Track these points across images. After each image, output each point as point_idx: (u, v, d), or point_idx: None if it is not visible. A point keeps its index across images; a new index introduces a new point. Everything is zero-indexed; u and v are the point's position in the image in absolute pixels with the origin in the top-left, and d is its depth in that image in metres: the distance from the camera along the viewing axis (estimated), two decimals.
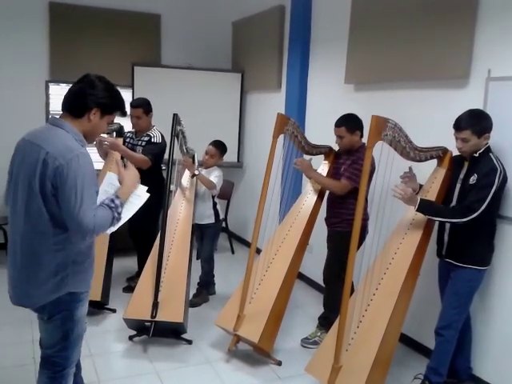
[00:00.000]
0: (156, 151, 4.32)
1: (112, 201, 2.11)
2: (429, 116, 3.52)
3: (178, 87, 5.91)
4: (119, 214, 2.12)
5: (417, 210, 2.95)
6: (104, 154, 4.46)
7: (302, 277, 4.91)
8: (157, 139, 4.37)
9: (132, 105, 4.39)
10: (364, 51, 4.07)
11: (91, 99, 2.11)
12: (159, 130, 4.44)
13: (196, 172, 4.14)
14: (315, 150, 3.74)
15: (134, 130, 4.53)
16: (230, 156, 5.90)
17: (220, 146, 4.38)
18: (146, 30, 6.09)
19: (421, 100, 3.61)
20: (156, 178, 4.44)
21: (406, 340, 3.65)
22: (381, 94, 3.99)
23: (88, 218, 1.98)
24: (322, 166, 3.86)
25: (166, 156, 3.89)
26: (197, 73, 5.98)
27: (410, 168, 3.22)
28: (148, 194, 2.31)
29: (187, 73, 5.97)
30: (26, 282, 2.14)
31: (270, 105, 5.51)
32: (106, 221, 2.07)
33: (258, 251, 3.70)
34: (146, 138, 4.38)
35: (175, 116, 3.77)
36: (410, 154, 2.93)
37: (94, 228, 2.01)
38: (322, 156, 3.88)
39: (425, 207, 2.94)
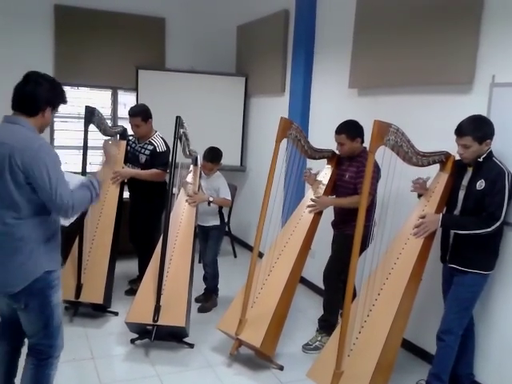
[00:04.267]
0: (165, 160, 4.26)
1: (91, 182, 2.42)
2: (432, 121, 3.51)
3: (181, 91, 5.93)
4: (98, 194, 2.43)
5: (441, 226, 2.96)
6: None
7: (304, 281, 4.90)
8: (161, 148, 4.30)
9: (129, 113, 4.31)
10: (368, 56, 4.07)
11: (43, 100, 2.31)
12: (161, 134, 4.39)
13: (210, 199, 4.11)
14: (318, 154, 3.74)
15: None
16: (233, 160, 5.93)
17: (214, 158, 4.23)
18: (151, 33, 6.12)
19: (424, 105, 3.60)
20: (158, 181, 4.44)
21: (408, 345, 3.64)
22: (384, 99, 3.98)
23: (65, 198, 2.22)
24: (325, 171, 3.85)
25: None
26: (201, 76, 6.00)
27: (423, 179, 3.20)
28: None
29: (191, 76, 5.99)
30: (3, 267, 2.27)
31: (274, 109, 5.51)
32: (84, 199, 2.35)
33: (261, 255, 3.69)
34: (150, 148, 4.31)
35: (178, 118, 3.76)
36: (412, 158, 2.92)
37: (73, 206, 2.26)
38: (325, 160, 3.86)
39: (448, 222, 2.96)
